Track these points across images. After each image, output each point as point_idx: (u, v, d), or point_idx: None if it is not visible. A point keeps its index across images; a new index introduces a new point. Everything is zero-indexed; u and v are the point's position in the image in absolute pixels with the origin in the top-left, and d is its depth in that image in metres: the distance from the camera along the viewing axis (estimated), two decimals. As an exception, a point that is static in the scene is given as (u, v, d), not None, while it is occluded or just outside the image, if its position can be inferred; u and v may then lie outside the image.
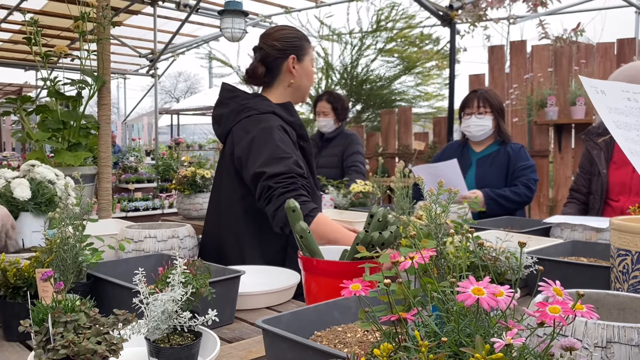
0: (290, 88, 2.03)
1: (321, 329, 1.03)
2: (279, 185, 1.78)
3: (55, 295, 1.00)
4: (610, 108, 0.83)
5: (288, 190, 1.77)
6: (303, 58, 2.02)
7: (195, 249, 1.83)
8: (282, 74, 2.02)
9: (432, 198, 0.94)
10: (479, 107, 2.91)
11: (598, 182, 2.50)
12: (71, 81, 2.44)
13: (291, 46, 2.00)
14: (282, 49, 1.99)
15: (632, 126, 0.82)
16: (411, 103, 8.36)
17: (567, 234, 2.05)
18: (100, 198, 2.60)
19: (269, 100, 2.00)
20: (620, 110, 0.83)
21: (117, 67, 9.36)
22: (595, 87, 0.83)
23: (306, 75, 2.04)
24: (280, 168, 1.80)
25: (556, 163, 5.19)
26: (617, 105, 0.83)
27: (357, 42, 8.19)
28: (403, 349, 0.63)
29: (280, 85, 2.03)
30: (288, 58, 1.99)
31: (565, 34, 5.63)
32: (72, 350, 0.83)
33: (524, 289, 1.61)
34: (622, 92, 0.86)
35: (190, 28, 7.69)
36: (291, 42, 2.01)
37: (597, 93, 0.83)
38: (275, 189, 1.78)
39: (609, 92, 0.84)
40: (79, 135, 2.42)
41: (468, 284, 0.61)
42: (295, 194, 1.77)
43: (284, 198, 1.72)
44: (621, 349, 0.76)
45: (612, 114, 0.82)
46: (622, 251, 1.23)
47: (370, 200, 3.17)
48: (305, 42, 2.05)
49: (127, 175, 6.44)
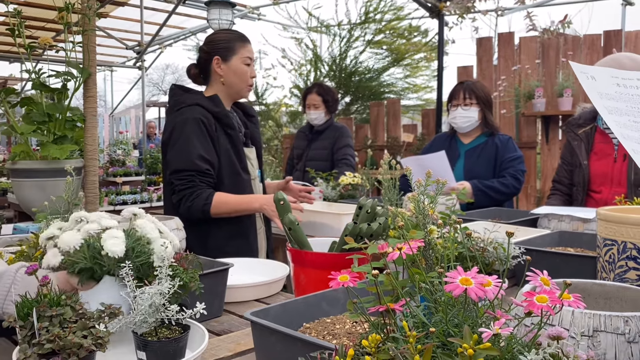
0: (223, 85, 2.24)
1: (310, 321, 1.03)
2: (178, 183, 2.07)
3: (41, 289, 0.99)
4: (602, 94, 0.83)
5: (186, 187, 2.06)
6: (230, 58, 2.22)
7: (183, 242, 1.82)
8: (213, 73, 2.25)
9: (420, 189, 0.94)
10: (465, 99, 2.92)
11: (579, 174, 2.51)
12: (56, 73, 2.41)
13: (216, 48, 2.22)
14: (207, 52, 2.24)
15: (624, 111, 0.82)
16: (400, 95, 8.36)
17: (554, 225, 2.06)
18: (88, 191, 2.57)
19: (201, 94, 2.24)
20: (611, 95, 0.83)
21: (104, 59, 9.25)
22: (585, 72, 0.83)
23: (234, 74, 2.22)
24: (181, 165, 2.08)
25: (543, 154, 5.22)
26: (607, 90, 0.83)
27: (346, 34, 8.17)
28: (391, 339, 0.63)
29: (213, 82, 2.27)
30: (213, 59, 2.22)
31: (553, 26, 5.65)
32: (58, 345, 0.82)
33: (511, 280, 1.62)
34: (611, 78, 0.86)
35: (177, 20, 7.61)
36: (217, 44, 2.23)
37: (587, 79, 0.83)
38: (175, 185, 2.08)
39: (599, 78, 0.85)
40: (65, 128, 2.39)
41: (456, 274, 0.61)
42: (190, 191, 2.06)
43: (182, 194, 2.06)
44: (607, 337, 0.76)
45: (603, 100, 0.82)
46: (609, 241, 1.24)
47: (359, 192, 3.17)
48: (236, 43, 2.23)
49: (114, 168, 6.38)
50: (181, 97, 2.23)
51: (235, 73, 2.22)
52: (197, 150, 2.07)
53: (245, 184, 2.22)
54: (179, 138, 2.10)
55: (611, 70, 0.88)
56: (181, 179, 2.07)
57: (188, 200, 2.05)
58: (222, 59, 2.22)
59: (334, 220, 2.37)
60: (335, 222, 2.35)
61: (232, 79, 2.23)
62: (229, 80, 2.23)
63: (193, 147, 2.07)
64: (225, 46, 2.22)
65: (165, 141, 2.19)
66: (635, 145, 0.76)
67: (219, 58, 2.21)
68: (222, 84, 2.24)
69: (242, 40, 2.26)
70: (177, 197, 2.08)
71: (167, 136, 2.18)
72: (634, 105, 0.84)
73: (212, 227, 2.14)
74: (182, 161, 2.08)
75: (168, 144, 2.16)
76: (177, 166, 2.09)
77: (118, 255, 1.04)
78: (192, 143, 2.08)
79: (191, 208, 2.05)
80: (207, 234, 2.14)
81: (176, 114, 2.17)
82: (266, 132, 8.70)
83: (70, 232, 1.09)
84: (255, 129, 2.41)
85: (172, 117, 2.19)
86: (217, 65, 2.22)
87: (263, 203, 2.08)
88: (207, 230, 2.14)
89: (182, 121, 2.12)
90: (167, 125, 2.21)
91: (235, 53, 2.22)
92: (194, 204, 2.05)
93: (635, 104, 0.85)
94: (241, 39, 2.26)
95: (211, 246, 2.11)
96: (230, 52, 2.22)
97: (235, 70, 2.22)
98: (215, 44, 2.24)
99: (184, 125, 2.11)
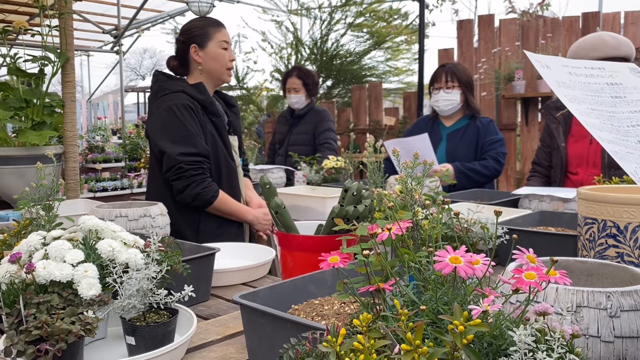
0: (203, 73, 2.24)
1: (298, 303, 1.03)
2: (189, 167, 2.03)
3: (26, 276, 0.98)
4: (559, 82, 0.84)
5: (197, 173, 2.04)
6: (206, 44, 2.22)
7: (167, 228, 1.81)
8: (192, 62, 2.25)
9: (406, 171, 0.94)
10: (447, 82, 2.94)
11: (558, 156, 2.55)
12: (33, 58, 2.36)
13: (191, 36, 2.22)
14: (184, 41, 2.24)
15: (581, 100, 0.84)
16: (381, 78, 8.36)
17: (535, 205, 2.10)
18: (68, 178, 2.54)
19: (185, 81, 2.24)
20: (567, 84, 0.85)
21: (80, 44, 9.05)
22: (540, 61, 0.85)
23: (213, 59, 2.23)
24: (190, 148, 2.04)
25: (523, 136, 5.28)
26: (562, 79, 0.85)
27: (327, 17, 8.11)
28: (382, 318, 0.64)
29: (194, 71, 2.27)
30: (190, 48, 2.22)
31: (532, 8, 5.68)
32: (46, 331, 0.81)
33: (494, 259, 1.65)
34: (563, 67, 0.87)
35: (155, 3, 7.46)
36: (191, 32, 2.23)
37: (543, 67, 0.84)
38: (186, 170, 2.03)
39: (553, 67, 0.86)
40: (43, 113, 2.35)
41: (445, 253, 0.62)
42: (201, 177, 2.05)
43: (193, 180, 2.03)
44: (590, 312, 0.78)
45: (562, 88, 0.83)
46: (589, 220, 1.27)
47: (342, 176, 3.18)
48: (211, 28, 2.23)
49: (93, 155, 6.29)
50: (165, 83, 2.22)
51: (213, 58, 2.23)
52: (197, 135, 2.07)
53: (231, 171, 2.22)
54: (174, 124, 2.08)
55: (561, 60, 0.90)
56: (191, 163, 2.04)
57: (198, 187, 2.04)
58: (199, 46, 2.22)
59: (319, 203, 2.38)
60: (320, 206, 2.36)
61: (211, 64, 2.23)
62: (208, 66, 2.23)
63: (194, 133, 2.07)
64: (200, 33, 2.22)
65: (151, 126, 2.16)
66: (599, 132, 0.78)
67: (195, 46, 2.22)
68: (201, 72, 2.24)
69: (217, 25, 2.27)
70: (185, 181, 2.04)
71: (154, 120, 2.15)
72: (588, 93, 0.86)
73: (203, 212, 2.14)
74: (189, 145, 2.05)
75: (155, 129, 2.13)
76: (185, 149, 2.05)
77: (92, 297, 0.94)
78: (191, 130, 2.07)
79: (199, 195, 2.04)
80: (198, 218, 2.14)
81: (162, 100, 2.15)
82: (247, 116, 8.64)
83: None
84: (237, 119, 2.43)
85: (158, 103, 2.16)
86: (194, 53, 2.22)
87: (255, 217, 2.18)
88: (198, 215, 2.14)
89: (170, 107, 2.10)
90: (153, 110, 2.18)
91: (211, 38, 2.23)
92: (203, 192, 2.04)
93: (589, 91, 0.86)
94: (215, 24, 2.27)
95: (202, 230, 2.12)
96: (205, 38, 2.22)
97: (213, 55, 2.22)
98: (191, 32, 2.24)
99: (174, 111, 2.09)
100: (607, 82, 0.89)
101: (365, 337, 0.57)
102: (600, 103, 0.84)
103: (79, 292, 0.93)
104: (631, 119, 0.82)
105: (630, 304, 0.78)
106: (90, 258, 1.02)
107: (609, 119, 0.80)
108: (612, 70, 0.93)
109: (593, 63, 0.94)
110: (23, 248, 1.05)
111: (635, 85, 0.91)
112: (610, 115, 0.81)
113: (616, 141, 0.75)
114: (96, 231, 1.09)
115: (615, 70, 0.93)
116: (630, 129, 0.80)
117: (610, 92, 0.88)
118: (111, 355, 1.03)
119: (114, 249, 1.01)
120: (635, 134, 0.79)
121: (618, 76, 0.92)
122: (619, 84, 0.90)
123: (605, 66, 0.94)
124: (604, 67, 0.94)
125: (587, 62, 0.94)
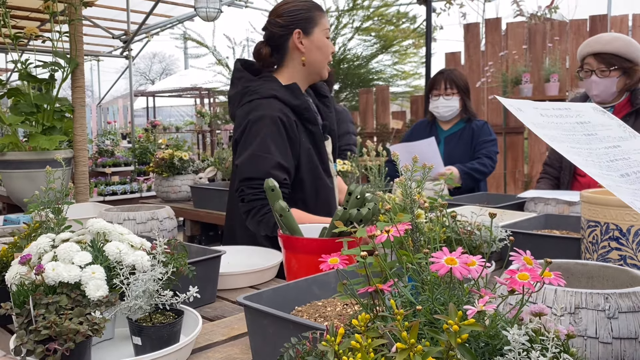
0: (302, 66, 1.90)
1: (301, 305, 1.05)
2: (250, 192, 1.77)
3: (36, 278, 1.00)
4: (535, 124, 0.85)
5: (257, 198, 1.76)
6: (311, 30, 1.87)
7: (174, 231, 1.83)
8: (291, 51, 1.89)
9: (407, 174, 0.96)
10: (447, 89, 3.07)
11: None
12: (43, 63, 2.40)
13: (295, 20, 1.86)
14: (285, 25, 1.86)
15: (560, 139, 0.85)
16: (388, 82, 8.37)
17: (540, 208, 2.10)
18: (77, 182, 2.58)
19: (277, 81, 1.89)
20: (542, 124, 0.86)
21: (90, 49, 9.15)
22: (512, 105, 0.86)
23: (318, 49, 1.89)
24: (254, 173, 1.76)
25: (531, 139, 5.27)
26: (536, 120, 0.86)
27: (334, 21, 8.14)
28: (380, 318, 0.65)
29: (290, 64, 1.91)
30: (293, 33, 1.86)
31: (540, 11, 5.68)
32: (55, 331, 0.83)
33: (499, 262, 1.66)
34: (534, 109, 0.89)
35: (164, 8, 7.54)
36: (295, 14, 1.86)
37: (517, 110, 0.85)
38: (247, 194, 1.77)
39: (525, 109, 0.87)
40: (54, 118, 2.39)
41: (441, 255, 0.63)
42: (261, 203, 1.75)
43: (252, 205, 1.76)
44: (588, 314, 0.79)
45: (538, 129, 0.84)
46: (592, 222, 1.27)
47: (349, 179, 3.19)
48: (316, 12, 1.90)
49: (103, 159, 6.35)
50: (252, 83, 1.89)
51: (319, 48, 1.88)
52: (274, 158, 1.77)
53: (327, 191, 1.94)
54: (254, 140, 1.79)
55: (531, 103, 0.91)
56: (253, 187, 1.76)
57: (258, 214, 1.76)
58: (304, 32, 1.86)
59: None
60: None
61: (316, 55, 1.89)
62: (311, 57, 1.88)
63: (270, 153, 1.77)
64: (305, 17, 1.86)
65: (237, 139, 1.87)
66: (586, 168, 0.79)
67: (300, 31, 1.85)
68: (302, 64, 1.89)
69: (320, 10, 1.92)
70: (246, 207, 1.78)
71: (238, 135, 1.86)
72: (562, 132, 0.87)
73: None
74: (255, 169, 1.76)
75: (239, 143, 1.86)
76: (249, 174, 1.77)
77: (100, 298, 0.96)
78: (268, 148, 1.77)
79: (261, 223, 1.76)
80: None
81: (249, 107, 1.84)
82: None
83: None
84: (329, 113, 2.05)
85: (245, 111, 1.85)
86: (298, 40, 1.86)
87: None
88: None
89: (257, 119, 1.80)
90: (239, 121, 1.87)
91: (317, 24, 1.88)
92: (264, 219, 1.75)
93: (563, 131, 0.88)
94: (319, 8, 1.92)
95: None
96: (312, 24, 1.87)
97: (318, 44, 1.88)
98: (295, 14, 1.86)
99: (260, 125, 1.79)
100: (576, 121, 0.92)
101: (363, 337, 0.59)
102: (577, 141, 0.86)
103: (86, 293, 0.96)
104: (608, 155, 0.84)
105: (629, 305, 0.79)
106: (98, 260, 1.04)
107: (588, 155, 0.82)
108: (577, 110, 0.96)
109: (559, 104, 0.97)
110: (33, 250, 1.08)
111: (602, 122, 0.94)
112: (589, 152, 0.83)
113: (604, 175, 0.77)
114: (104, 234, 1.11)
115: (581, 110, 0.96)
116: (610, 164, 0.82)
117: (582, 130, 0.90)
118: (118, 354, 1.05)
119: (121, 251, 1.04)
120: (616, 168, 0.81)
121: (585, 115, 0.95)
122: (588, 122, 0.93)
123: (570, 107, 0.97)
124: (569, 107, 0.97)
125: (554, 103, 0.97)
